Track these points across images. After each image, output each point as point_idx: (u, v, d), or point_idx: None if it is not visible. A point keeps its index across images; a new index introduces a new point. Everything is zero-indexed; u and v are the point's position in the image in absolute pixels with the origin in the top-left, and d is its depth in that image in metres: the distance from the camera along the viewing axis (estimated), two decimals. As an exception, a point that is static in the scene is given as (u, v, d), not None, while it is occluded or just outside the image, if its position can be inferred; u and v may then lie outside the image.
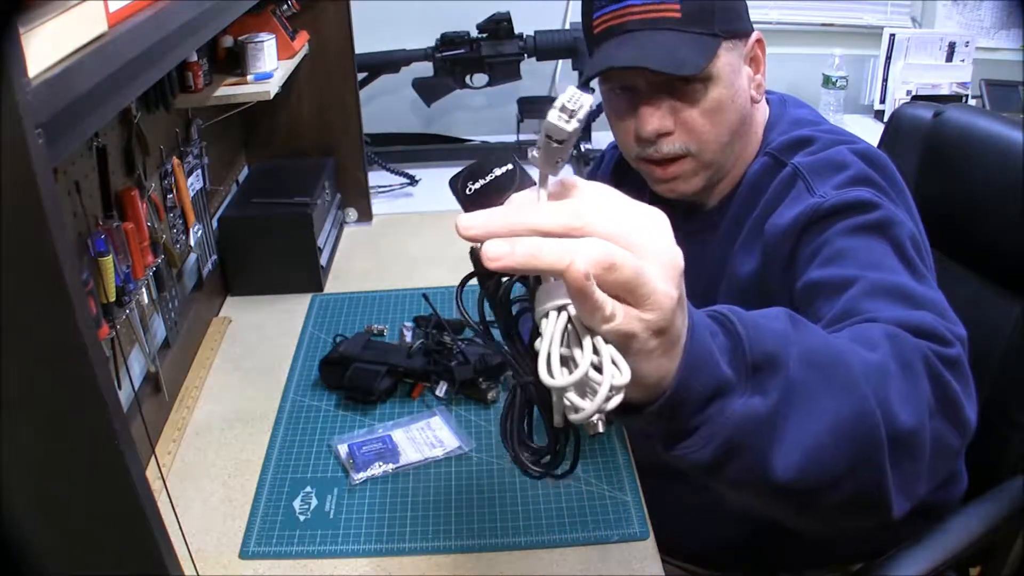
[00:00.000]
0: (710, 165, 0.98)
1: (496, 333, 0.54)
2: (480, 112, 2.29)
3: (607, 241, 0.46)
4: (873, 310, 0.74)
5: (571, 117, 0.47)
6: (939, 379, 0.66)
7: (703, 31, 0.93)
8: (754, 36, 0.99)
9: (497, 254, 0.47)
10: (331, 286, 1.57)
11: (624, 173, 1.11)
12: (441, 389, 1.22)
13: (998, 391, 1.10)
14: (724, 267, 1.00)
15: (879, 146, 1.30)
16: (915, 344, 0.67)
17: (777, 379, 0.54)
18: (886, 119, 2.16)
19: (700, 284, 1.01)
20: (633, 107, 0.97)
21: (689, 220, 1.05)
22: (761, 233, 0.93)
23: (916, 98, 2.10)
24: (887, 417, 0.59)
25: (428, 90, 2.03)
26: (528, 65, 1.99)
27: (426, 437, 1.15)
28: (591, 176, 1.29)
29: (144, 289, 1.12)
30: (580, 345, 0.47)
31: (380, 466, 1.09)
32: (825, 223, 0.87)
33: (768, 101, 1.06)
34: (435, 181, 1.96)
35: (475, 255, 0.53)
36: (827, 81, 2.11)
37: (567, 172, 1.98)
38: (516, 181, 0.54)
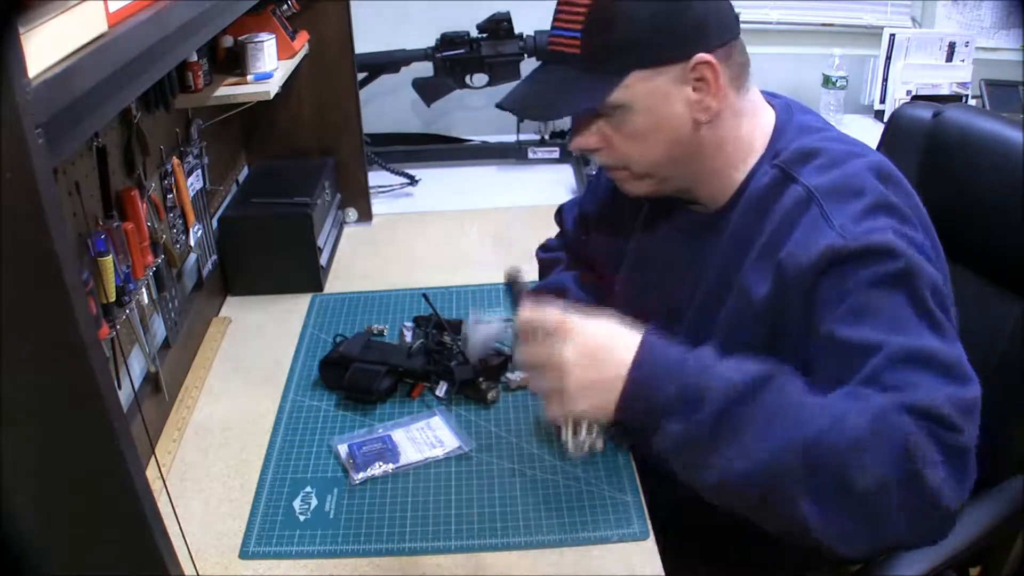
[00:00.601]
0: (650, 175, 0.98)
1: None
2: (480, 112, 2.28)
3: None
4: (893, 383, 0.78)
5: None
6: (912, 459, 0.73)
7: (602, 68, 0.92)
8: (696, 59, 0.93)
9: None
10: (331, 286, 1.57)
11: None
12: (441, 389, 1.22)
13: (998, 392, 1.10)
14: (731, 280, 0.98)
15: (879, 147, 1.30)
16: (901, 424, 0.74)
17: (705, 405, 0.76)
18: (886, 119, 2.17)
19: (698, 285, 1.01)
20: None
21: (691, 221, 1.05)
22: (774, 258, 0.91)
23: (916, 98, 2.09)
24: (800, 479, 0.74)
25: (428, 90, 2.03)
26: (528, 65, 1.99)
27: (426, 437, 1.15)
28: (594, 179, 1.29)
29: (144, 289, 1.12)
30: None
31: (380, 466, 1.09)
32: (847, 267, 0.86)
33: (773, 106, 1.04)
34: (435, 181, 1.97)
35: (514, 287, 0.99)
36: (827, 81, 2.11)
37: (567, 171, 1.98)
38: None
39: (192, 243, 1.34)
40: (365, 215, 1.80)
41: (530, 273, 1.57)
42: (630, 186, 1.01)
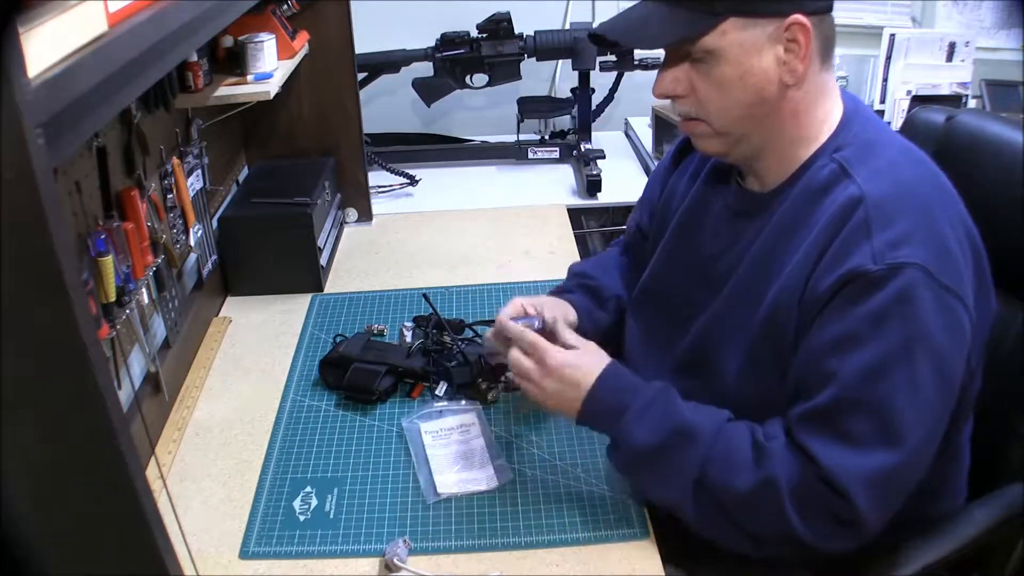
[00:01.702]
0: (725, 133, 0.98)
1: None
2: (480, 112, 2.29)
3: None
4: (819, 433, 0.88)
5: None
6: (772, 521, 0.90)
7: (699, 7, 0.93)
8: (792, 18, 0.93)
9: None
10: (331, 286, 1.57)
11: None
12: (441, 389, 1.22)
13: (1000, 398, 1.10)
14: (775, 266, 0.97)
15: None
16: (778, 500, 0.88)
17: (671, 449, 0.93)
18: (887, 119, 2.17)
19: (739, 263, 1.01)
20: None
21: (741, 200, 1.04)
22: (812, 266, 0.92)
23: (916, 98, 2.09)
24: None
25: (428, 90, 2.03)
26: (528, 65, 1.99)
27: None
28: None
29: (144, 289, 1.12)
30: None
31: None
32: (860, 294, 0.88)
33: (843, 99, 1.03)
34: (435, 181, 1.97)
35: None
36: (827, 81, 2.11)
37: (567, 171, 1.98)
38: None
39: (192, 243, 1.34)
40: (365, 215, 1.80)
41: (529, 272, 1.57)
42: (704, 143, 1.01)
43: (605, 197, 1.89)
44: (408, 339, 1.32)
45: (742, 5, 0.93)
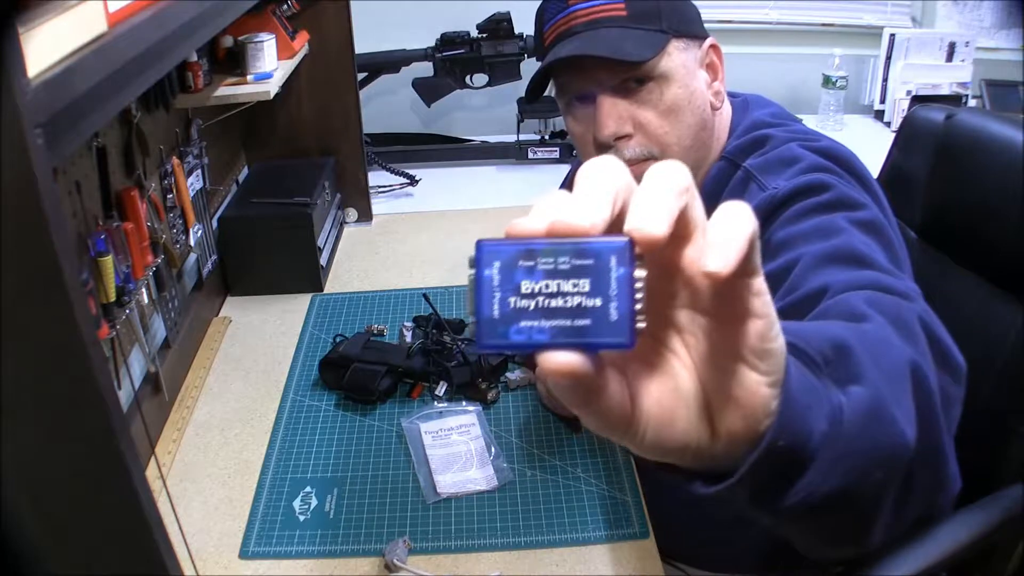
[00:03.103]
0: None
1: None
2: (480, 112, 2.28)
3: None
4: (820, 281, 0.73)
5: None
6: (928, 329, 0.65)
7: (650, 27, 0.93)
8: (708, 42, 0.97)
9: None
10: (331, 286, 1.57)
11: None
12: (441, 389, 1.22)
13: (999, 398, 1.10)
14: None
15: (892, 149, 1.29)
16: (895, 302, 0.66)
17: (853, 358, 0.50)
18: (887, 119, 2.17)
19: None
20: (592, 115, 0.96)
21: None
22: None
23: (916, 98, 2.09)
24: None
25: (428, 90, 2.03)
26: (528, 65, 1.99)
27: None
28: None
29: (144, 289, 1.12)
30: None
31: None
32: (778, 212, 0.86)
33: (731, 104, 1.05)
34: (435, 181, 1.97)
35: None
36: (827, 81, 2.11)
37: (567, 172, 1.97)
38: None
39: (192, 243, 1.34)
40: (365, 215, 1.80)
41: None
42: None
43: (605, 197, 1.89)
44: (408, 339, 1.32)
45: (680, 27, 0.95)
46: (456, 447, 1.12)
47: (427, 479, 1.07)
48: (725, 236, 0.35)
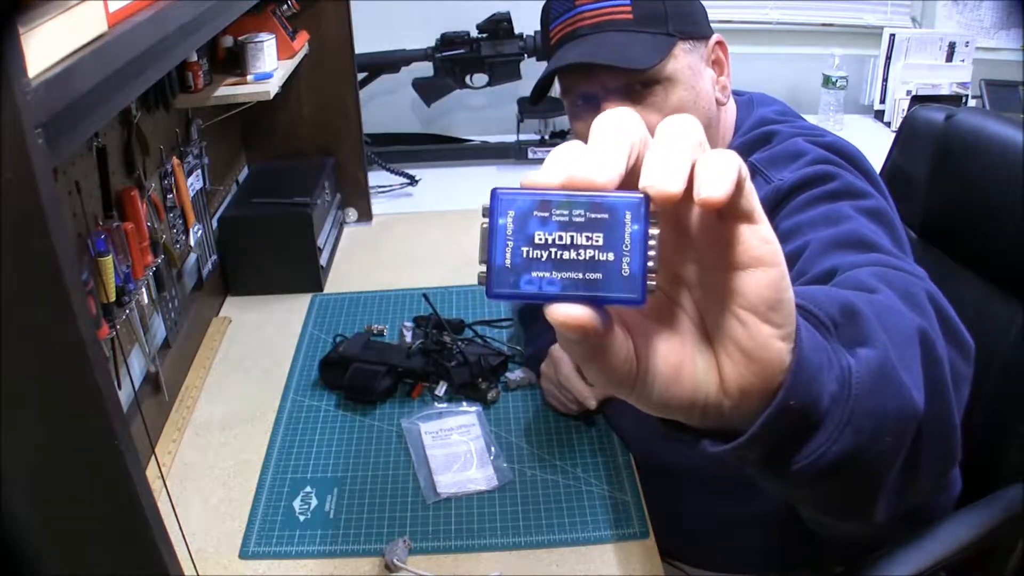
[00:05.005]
0: None
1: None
2: (480, 112, 2.28)
3: None
4: (828, 263, 0.73)
5: None
6: (937, 305, 0.64)
7: (656, 31, 0.93)
8: (714, 39, 0.98)
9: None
10: (331, 286, 1.57)
11: None
12: (441, 389, 1.22)
13: (998, 398, 1.10)
14: None
15: (892, 149, 1.29)
16: (904, 277, 0.66)
17: (861, 321, 0.50)
18: (887, 119, 2.17)
19: None
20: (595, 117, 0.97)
21: None
22: None
23: (916, 98, 2.09)
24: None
25: (428, 90, 2.03)
26: (528, 65, 1.99)
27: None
28: None
29: (144, 289, 1.12)
30: None
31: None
32: (785, 202, 0.86)
33: (736, 103, 1.05)
34: (435, 181, 1.97)
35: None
36: (827, 81, 2.11)
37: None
38: None
39: (192, 243, 1.34)
40: (365, 215, 1.80)
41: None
42: None
43: (605, 197, 1.89)
44: (408, 339, 1.32)
45: (686, 28, 0.95)
46: (456, 447, 1.12)
47: (427, 479, 1.07)
48: (716, 165, 0.36)
